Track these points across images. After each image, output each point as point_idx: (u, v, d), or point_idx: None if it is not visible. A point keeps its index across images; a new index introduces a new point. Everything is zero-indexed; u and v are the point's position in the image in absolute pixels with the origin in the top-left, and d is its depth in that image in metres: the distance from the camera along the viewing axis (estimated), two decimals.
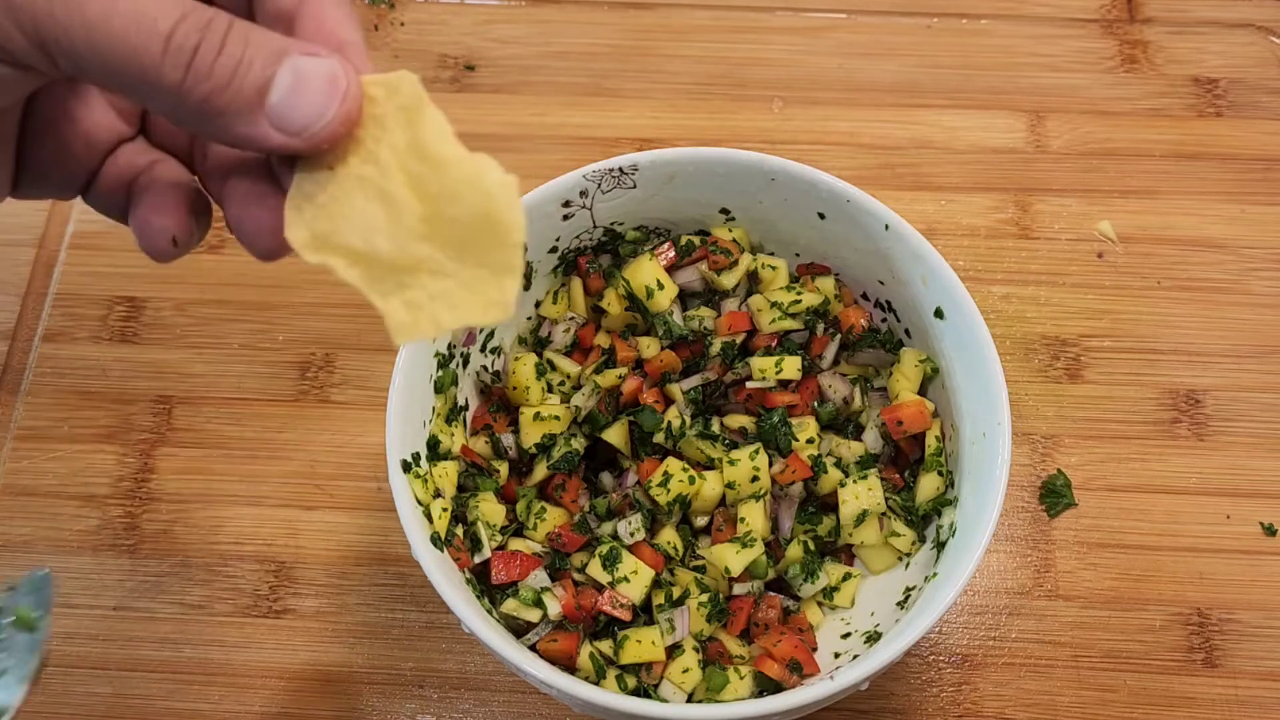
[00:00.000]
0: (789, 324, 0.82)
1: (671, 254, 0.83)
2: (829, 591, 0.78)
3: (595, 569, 0.75)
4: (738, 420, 0.81)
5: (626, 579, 0.75)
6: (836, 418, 0.82)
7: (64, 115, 0.57)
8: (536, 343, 0.86)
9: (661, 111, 1.05)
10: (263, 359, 0.94)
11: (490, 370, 0.84)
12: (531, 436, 0.80)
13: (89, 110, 0.58)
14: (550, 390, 0.83)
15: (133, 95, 0.48)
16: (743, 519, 0.77)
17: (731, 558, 0.75)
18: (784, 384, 0.81)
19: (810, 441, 0.79)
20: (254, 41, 0.47)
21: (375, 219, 0.50)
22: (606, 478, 0.82)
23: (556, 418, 0.80)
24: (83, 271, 0.98)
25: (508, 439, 0.81)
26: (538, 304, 0.86)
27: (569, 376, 0.83)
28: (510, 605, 0.74)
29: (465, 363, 0.81)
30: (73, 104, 0.57)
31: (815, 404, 0.82)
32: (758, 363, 0.80)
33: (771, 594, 0.79)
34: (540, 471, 0.80)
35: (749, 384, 0.81)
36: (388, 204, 0.50)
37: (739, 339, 0.82)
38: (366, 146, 0.50)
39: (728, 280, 0.83)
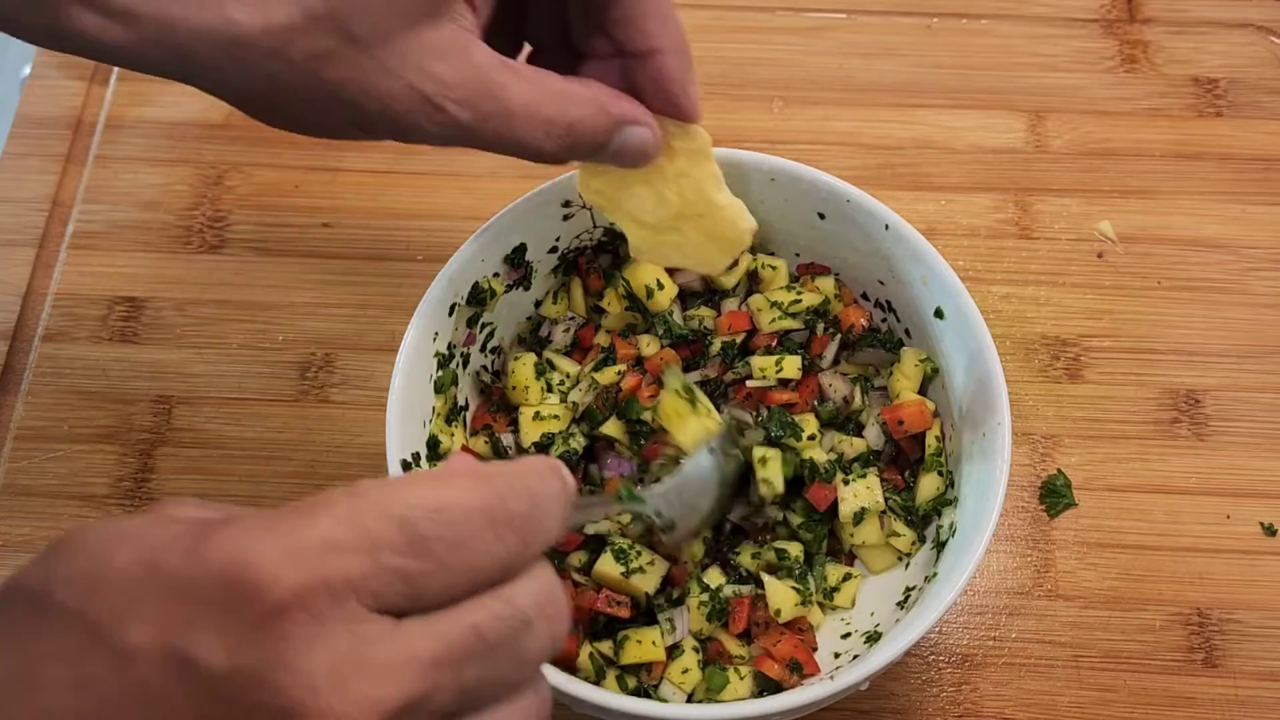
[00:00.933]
0: (789, 323, 0.82)
1: None
2: (829, 592, 0.78)
3: (608, 564, 0.75)
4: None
5: (642, 569, 0.74)
6: (837, 417, 0.82)
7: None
8: (536, 342, 0.86)
9: None
10: (263, 359, 0.94)
11: (490, 370, 0.84)
12: (531, 436, 0.80)
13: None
14: (550, 390, 0.83)
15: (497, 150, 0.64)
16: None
17: (788, 602, 0.75)
18: (784, 383, 0.81)
19: (812, 438, 0.79)
20: (604, 113, 0.64)
21: (648, 204, 0.70)
22: (595, 470, 0.81)
23: (556, 417, 0.80)
24: (83, 271, 0.98)
25: (507, 439, 0.81)
26: (538, 304, 0.86)
27: (569, 376, 0.83)
28: None
29: (465, 363, 0.81)
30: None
31: (815, 403, 0.81)
32: (758, 362, 0.80)
33: None
34: None
35: (749, 383, 0.81)
36: (660, 200, 0.70)
37: (739, 338, 0.82)
38: (657, 161, 0.68)
39: (728, 280, 0.83)
